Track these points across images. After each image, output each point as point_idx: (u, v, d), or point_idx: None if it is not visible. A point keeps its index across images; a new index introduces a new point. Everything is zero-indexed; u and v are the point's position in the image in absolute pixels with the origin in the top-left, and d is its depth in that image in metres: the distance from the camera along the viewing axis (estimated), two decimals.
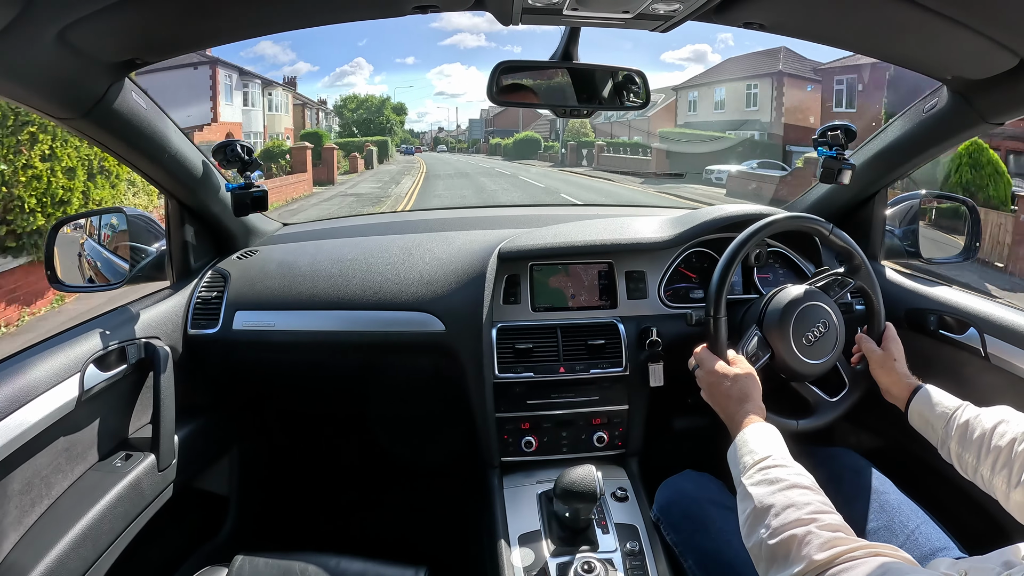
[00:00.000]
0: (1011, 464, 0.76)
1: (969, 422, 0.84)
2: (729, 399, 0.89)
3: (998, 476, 0.77)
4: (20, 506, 0.79)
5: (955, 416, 0.86)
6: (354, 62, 55.65)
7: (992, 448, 0.78)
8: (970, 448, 0.82)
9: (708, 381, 0.94)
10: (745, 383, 0.90)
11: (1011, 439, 0.77)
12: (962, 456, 0.83)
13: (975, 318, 1.05)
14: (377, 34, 57.60)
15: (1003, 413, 0.82)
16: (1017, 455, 0.75)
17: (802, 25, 0.85)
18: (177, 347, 1.13)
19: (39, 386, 0.80)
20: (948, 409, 0.87)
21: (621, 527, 0.97)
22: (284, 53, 62.35)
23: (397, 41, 71.01)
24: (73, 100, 0.81)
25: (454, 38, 48.91)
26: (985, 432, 0.81)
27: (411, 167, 27.25)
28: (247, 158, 1.13)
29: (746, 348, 1.01)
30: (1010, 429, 0.78)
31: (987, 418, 0.82)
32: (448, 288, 1.17)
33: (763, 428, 0.82)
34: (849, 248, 1.06)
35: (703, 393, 0.96)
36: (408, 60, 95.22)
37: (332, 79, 79.72)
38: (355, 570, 0.88)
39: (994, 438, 0.79)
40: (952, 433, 0.85)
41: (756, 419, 0.84)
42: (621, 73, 1.02)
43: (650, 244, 1.20)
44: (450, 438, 1.45)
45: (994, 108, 0.94)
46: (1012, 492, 0.75)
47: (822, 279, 1.08)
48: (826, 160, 1.16)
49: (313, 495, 1.65)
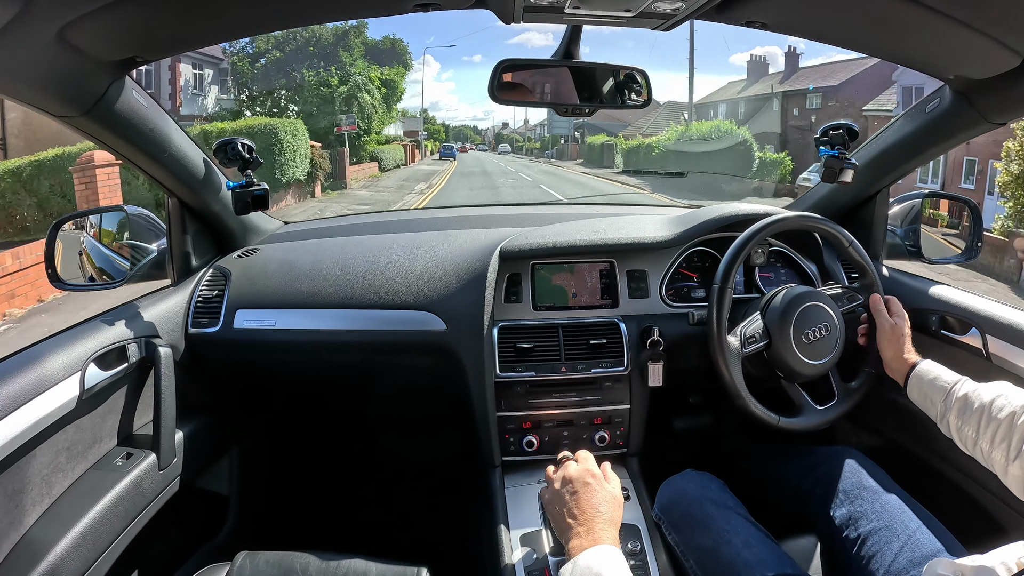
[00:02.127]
0: (1010, 437, 0.76)
1: (968, 395, 0.85)
2: (595, 510, 0.75)
3: (997, 449, 0.78)
4: (20, 505, 0.79)
5: (954, 390, 0.87)
6: (422, 59, 55.14)
7: (992, 420, 0.79)
8: (969, 421, 0.83)
9: (580, 479, 0.79)
10: (616, 501, 0.79)
11: (1010, 412, 0.78)
12: (961, 429, 0.84)
13: (977, 318, 1.05)
14: (445, 32, 57.31)
15: (1001, 388, 0.83)
16: (1016, 428, 0.76)
17: (804, 24, 0.85)
18: (178, 346, 1.12)
19: (40, 385, 0.80)
20: (947, 383, 0.89)
21: (622, 527, 0.97)
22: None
23: (465, 40, 70.80)
24: (74, 98, 0.81)
25: (521, 37, 48.61)
26: (984, 405, 0.81)
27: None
28: (248, 156, 1.13)
29: (745, 330, 1.02)
30: (1009, 402, 0.79)
31: (985, 392, 0.83)
32: (449, 287, 1.17)
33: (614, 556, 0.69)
34: (865, 264, 1.08)
35: (547, 496, 0.83)
36: (475, 58, 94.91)
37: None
38: (356, 569, 0.88)
39: (993, 411, 0.80)
40: (951, 406, 0.86)
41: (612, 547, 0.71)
42: (623, 72, 1.02)
43: (651, 243, 1.20)
44: (451, 437, 1.44)
45: (995, 108, 0.94)
46: (1010, 465, 0.76)
47: (832, 289, 1.09)
48: (828, 159, 1.16)
49: (314, 494, 1.65)
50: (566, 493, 0.78)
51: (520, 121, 59.36)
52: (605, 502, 0.77)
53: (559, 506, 0.78)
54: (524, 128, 55.82)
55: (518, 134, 54.54)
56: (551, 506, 0.80)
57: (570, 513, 0.76)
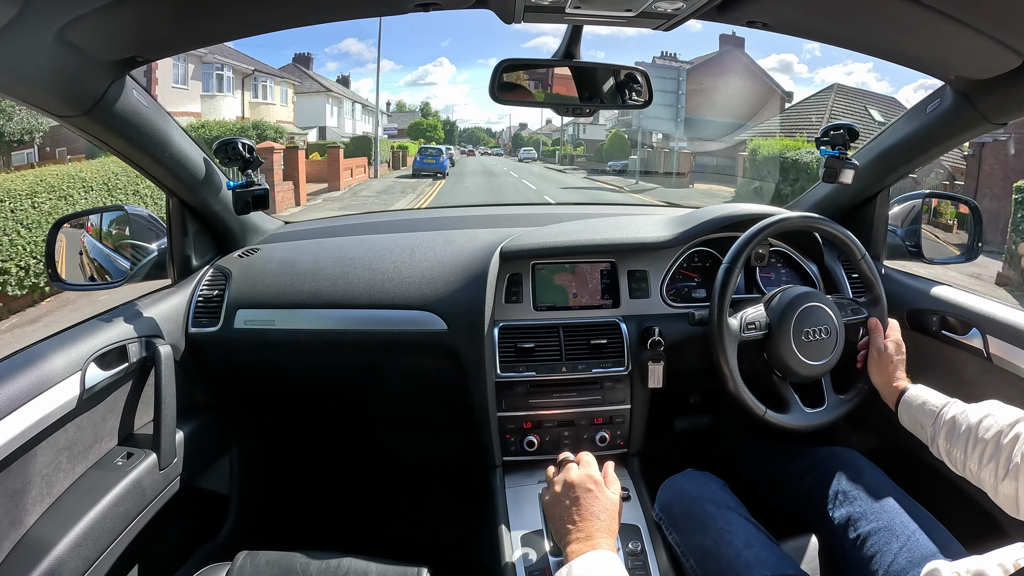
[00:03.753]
0: (997, 457, 0.76)
1: (955, 418, 0.85)
2: (595, 517, 0.75)
3: (985, 470, 0.78)
4: (21, 505, 0.79)
5: (942, 413, 0.87)
6: (437, 61, 54.41)
7: (978, 442, 0.79)
8: (957, 444, 0.83)
9: (582, 485, 0.79)
10: (615, 508, 0.79)
11: (996, 432, 0.78)
12: (951, 452, 0.84)
13: (977, 318, 1.05)
14: (461, 35, 57.40)
15: (989, 407, 0.83)
16: (1002, 447, 0.76)
17: (805, 24, 0.85)
18: (178, 346, 1.12)
19: (40, 385, 0.80)
20: (935, 407, 0.89)
21: (623, 527, 0.97)
22: (368, 50, 60.96)
23: (480, 42, 70.65)
24: (74, 98, 0.81)
25: (537, 40, 48.04)
26: (971, 427, 0.81)
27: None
28: (248, 156, 1.13)
29: (746, 316, 1.03)
30: (995, 422, 0.79)
31: (973, 413, 0.83)
32: (450, 287, 1.17)
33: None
34: (873, 280, 1.08)
35: (547, 497, 0.82)
36: (490, 60, 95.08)
37: (415, 76, 78.84)
38: (356, 568, 0.88)
39: (979, 431, 0.80)
40: (940, 429, 0.86)
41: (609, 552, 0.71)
42: (623, 72, 1.02)
43: (652, 243, 1.20)
44: (451, 437, 1.45)
45: (996, 108, 0.94)
46: (1000, 485, 0.76)
47: (837, 299, 1.09)
48: (829, 159, 1.16)
49: (314, 494, 1.65)
50: (567, 498, 0.78)
51: (543, 121, 51.57)
52: (605, 510, 0.76)
53: (559, 510, 0.78)
54: (547, 128, 48.43)
55: (544, 135, 47.03)
56: (551, 508, 0.80)
57: (569, 518, 0.75)
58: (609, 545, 0.72)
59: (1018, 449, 0.74)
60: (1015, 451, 0.74)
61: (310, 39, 52.83)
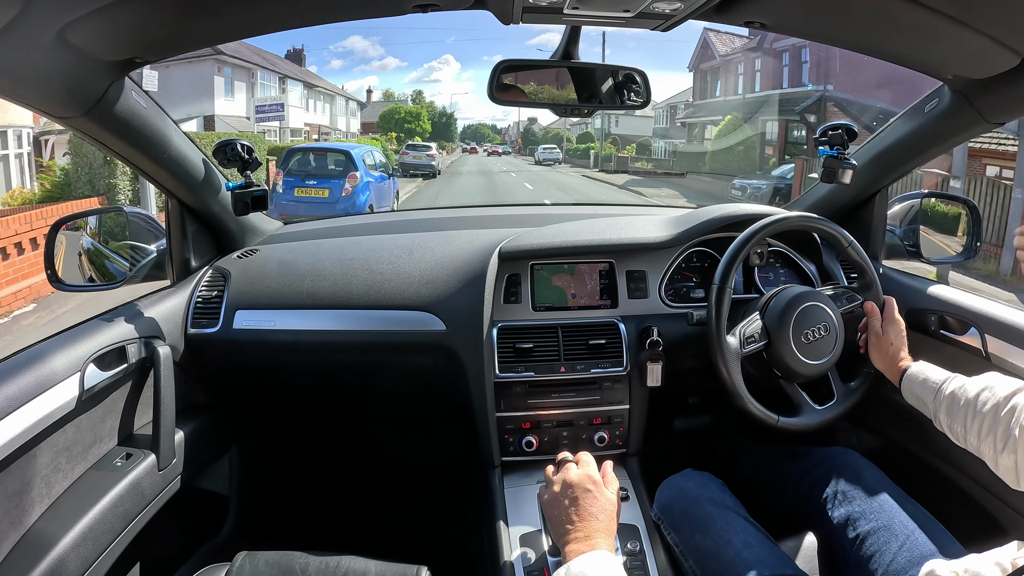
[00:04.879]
0: (995, 429, 0.78)
1: (955, 392, 0.86)
2: (594, 518, 0.75)
3: (984, 442, 0.79)
4: (20, 505, 0.79)
5: (942, 388, 0.89)
6: (442, 58, 53.76)
7: (977, 414, 0.81)
8: (957, 418, 0.84)
9: (581, 485, 0.78)
10: (614, 508, 0.79)
11: (994, 404, 0.79)
12: (952, 427, 0.86)
13: (976, 318, 1.05)
14: (466, 32, 56.93)
15: (988, 380, 0.84)
16: (1000, 419, 0.78)
17: (803, 24, 0.85)
18: (177, 346, 1.12)
19: (39, 385, 0.80)
20: (936, 383, 0.90)
21: (622, 527, 0.96)
22: (373, 48, 60.33)
23: (486, 40, 70.73)
24: (73, 99, 0.81)
25: (541, 38, 48.07)
26: (970, 400, 0.83)
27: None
28: (247, 157, 1.13)
29: (744, 330, 1.03)
30: (993, 395, 0.80)
31: (972, 387, 0.85)
32: (449, 287, 1.17)
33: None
34: (863, 264, 1.09)
35: (545, 497, 0.82)
36: (496, 58, 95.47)
37: (420, 74, 78.64)
38: (356, 569, 0.88)
39: (978, 405, 0.81)
40: (940, 404, 0.88)
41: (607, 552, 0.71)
42: (622, 72, 1.02)
43: (651, 244, 1.20)
44: (450, 438, 1.45)
45: (995, 108, 0.94)
46: (999, 457, 0.77)
47: (831, 290, 1.09)
48: (827, 159, 1.16)
49: (313, 495, 1.65)
50: (565, 498, 0.78)
51: (553, 117, 47.71)
52: (604, 510, 0.76)
53: (557, 510, 0.78)
54: (559, 122, 40.06)
55: (561, 128, 39.45)
56: (549, 508, 0.80)
57: (568, 518, 0.75)
58: (608, 545, 0.72)
59: (1016, 421, 0.76)
60: (1012, 423, 0.76)
61: (309, 36, 52.67)
